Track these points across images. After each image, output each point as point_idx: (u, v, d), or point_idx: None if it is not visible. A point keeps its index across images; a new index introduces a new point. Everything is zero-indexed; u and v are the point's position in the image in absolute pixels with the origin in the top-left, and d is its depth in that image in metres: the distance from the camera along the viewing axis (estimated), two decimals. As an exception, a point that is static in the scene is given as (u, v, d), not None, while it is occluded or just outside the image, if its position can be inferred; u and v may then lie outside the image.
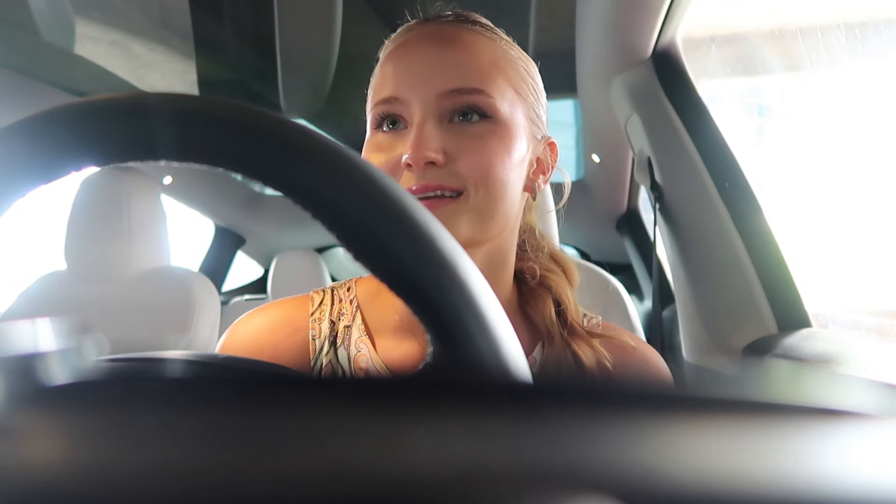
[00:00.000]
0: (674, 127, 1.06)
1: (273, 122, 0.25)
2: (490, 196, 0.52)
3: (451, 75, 0.53)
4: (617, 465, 0.14)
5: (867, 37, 0.94)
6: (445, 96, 0.52)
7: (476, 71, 0.53)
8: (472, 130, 0.53)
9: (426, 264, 0.24)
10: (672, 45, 1.09)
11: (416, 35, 0.57)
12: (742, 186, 1.01)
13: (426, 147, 0.51)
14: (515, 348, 0.26)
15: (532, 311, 0.60)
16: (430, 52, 0.54)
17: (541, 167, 0.60)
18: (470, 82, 0.53)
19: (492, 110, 0.53)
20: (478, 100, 0.53)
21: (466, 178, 0.52)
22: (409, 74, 0.54)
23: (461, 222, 0.52)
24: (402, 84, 0.54)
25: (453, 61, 0.53)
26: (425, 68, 0.53)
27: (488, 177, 0.52)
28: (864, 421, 0.18)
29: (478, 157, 0.52)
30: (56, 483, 0.13)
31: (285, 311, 0.61)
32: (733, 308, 1.00)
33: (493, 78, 0.54)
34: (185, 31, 1.64)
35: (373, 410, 0.17)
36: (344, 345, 0.58)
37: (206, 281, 1.50)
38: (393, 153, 0.53)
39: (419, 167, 0.51)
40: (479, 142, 0.52)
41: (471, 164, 0.52)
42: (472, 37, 0.55)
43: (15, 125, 0.25)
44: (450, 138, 0.52)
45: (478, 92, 0.53)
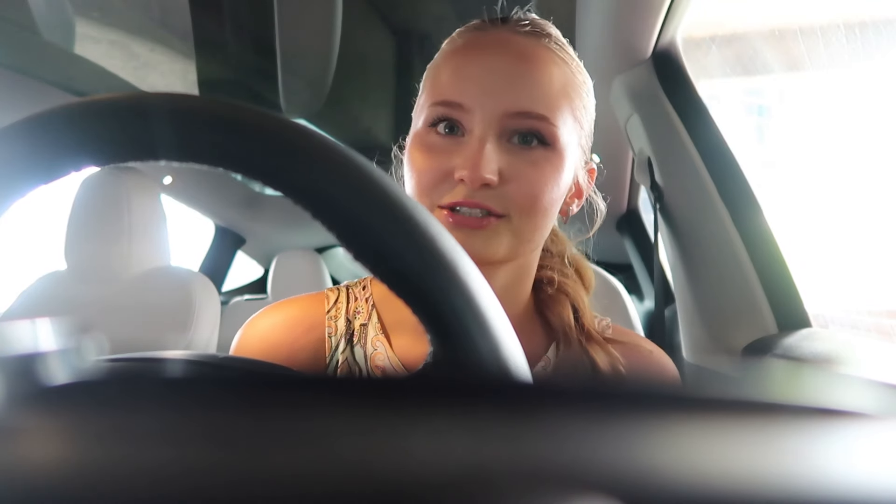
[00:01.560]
0: (674, 127, 1.06)
1: (273, 122, 0.25)
2: (532, 222, 0.52)
3: (521, 96, 0.51)
4: (617, 465, 0.14)
5: (867, 37, 0.94)
6: (511, 116, 0.51)
7: (546, 96, 0.52)
8: (530, 156, 0.52)
9: (426, 264, 0.24)
10: (672, 45, 1.09)
11: (489, 39, 0.54)
12: (742, 186, 1.01)
13: (485, 168, 0.50)
14: (515, 348, 0.26)
15: (550, 314, 0.60)
16: (503, 63, 0.52)
17: (578, 191, 0.60)
18: (539, 107, 0.51)
19: (552, 139, 0.52)
20: (542, 126, 0.52)
21: (513, 203, 0.51)
22: (477, 83, 0.52)
23: (500, 243, 0.52)
24: (468, 91, 0.52)
25: (526, 80, 0.52)
26: (496, 81, 0.52)
27: (535, 205, 0.52)
28: (864, 421, 0.18)
29: (530, 185, 0.51)
30: (56, 483, 0.13)
31: (301, 308, 0.61)
32: (733, 308, 1.00)
33: (559, 106, 0.53)
34: (185, 31, 1.64)
35: (372, 410, 0.17)
36: (360, 343, 0.58)
37: (206, 281, 1.50)
38: (447, 160, 0.52)
39: (474, 187, 0.50)
40: (534, 169, 0.52)
41: (521, 191, 0.51)
42: (547, 56, 0.54)
43: (15, 125, 0.25)
44: (506, 160, 0.51)
45: (543, 119, 0.52)
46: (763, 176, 1.11)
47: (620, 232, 2.13)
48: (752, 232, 0.98)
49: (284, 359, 0.57)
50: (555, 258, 0.65)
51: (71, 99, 0.26)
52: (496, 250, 0.52)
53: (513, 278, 0.57)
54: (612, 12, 1.04)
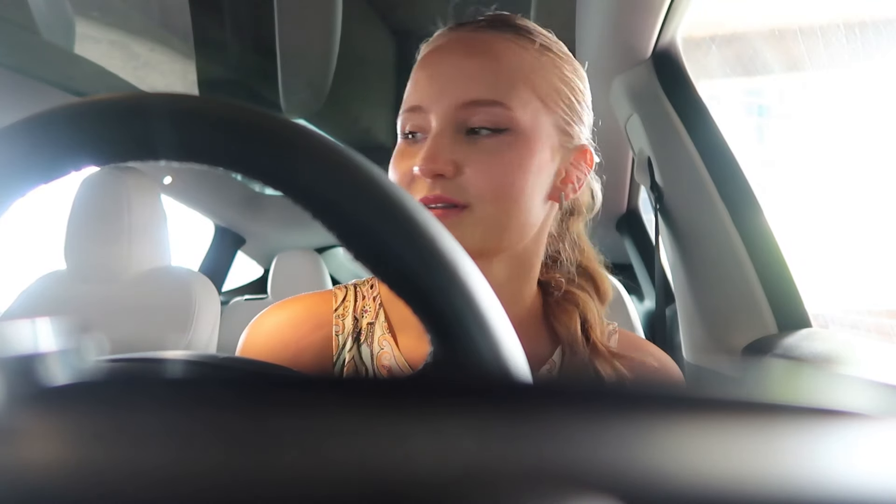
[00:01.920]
0: (674, 127, 1.06)
1: (273, 122, 0.25)
2: (500, 209, 0.52)
3: (469, 86, 0.52)
4: (617, 465, 0.14)
5: (867, 37, 0.94)
6: (463, 108, 0.52)
7: (496, 82, 0.52)
8: (486, 144, 0.52)
9: (426, 264, 0.24)
10: (672, 45, 1.09)
11: (445, 42, 0.56)
12: (742, 186, 1.01)
13: (435, 159, 0.51)
14: (515, 348, 0.26)
15: (557, 322, 0.59)
16: (452, 61, 0.54)
17: (570, 176, 0.59)
18: (488, 94, 0.52)
19: (510, 122, 0.52)
20: (495, 112, 0.52)
21: (472, 192, 0.51)
22: (431, 84, 0.54)
23: (465, 234, 0.51)
24: (424, 94, 0.54)
25: (474, 71, 0.53)
26: (446, 78, 0.53)
27: (496, 190, 0.52)
28: (864, 421, 0.18)
29: (486, 172, 0.52)
30: (56, 483, 0.13)
31: (309, 306, 0.61)
32: (733, 308, 1.00)
33: (514, 88, 0.53)
34: (185, 31, 1.64)
35: (372, 411, 0.17)
36: (367, 342, 0.59)
37: (206, 281, 1.50)
38: (410, 162, 0.53)
39: (428, 178, 0.51)
40: (490, 156, 0.52)
41: (478, 179, 0.51)
42: (499, 44, 0.54)
43: (15, 125, 0.25)
44: (463, 150, 0.52)
45: (495, 104, 0.52)
46: (763, 176, 1.11)
47: (620, 232, 2.13)
48: (752, 232, 0.98)
49: (291, 357, 0.57)
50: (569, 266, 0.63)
51: (71, 99, 0.26)
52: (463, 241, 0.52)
53: (509, 273, 0.57)
54: (612, 12, 1.04)
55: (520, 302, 0.59)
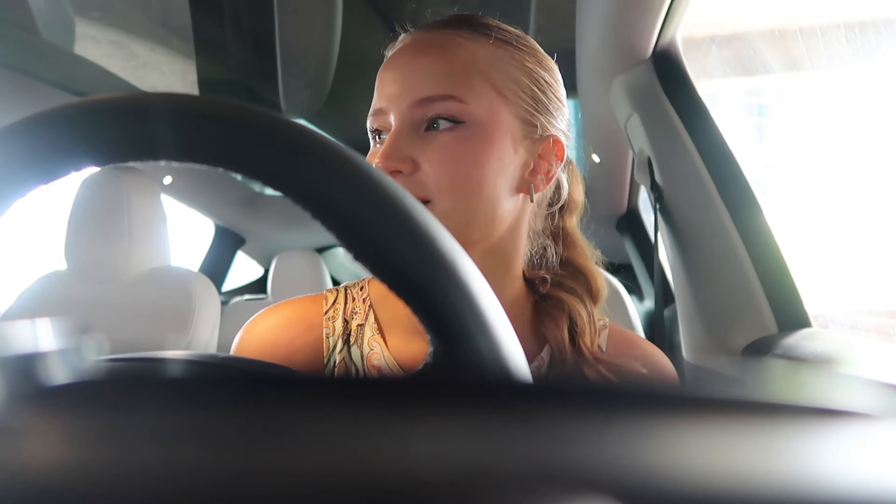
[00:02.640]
0: (674, 127, 1.06)
1: (273, 122, 0.25)
2: (461, 202, 0.52)
3: (422, 84, 0.53)
4: (617, 465, 0.14)
5: (867, 37, 0.94)
6: (417, 105, 0.53)
7: (447, 77, 0.53)
8: (441, 138, 0.53)
9: (426, 264, 0.24)
10: (672, 45, 1.09)
11: (402, 44, 0.58)
12: (742, 186, 1.01)
13: (391, 156, 0.52)
14: (515, 348, 0.26)
15: (544, 329, 0.59)
16: (405, 61, 0.55)
17: (538, 167, 0.58)
18: (439, 89, 0.53)
19: (464, 115, 0.53)
20: (448, 106, 0.52)
21: (431, 187, 0.52)
22: (388, 85, 0.55)
23: None
24: (384, 95, 0.55)
25: (425, 69, 0.54)
26: (401, 78, 0.54)
27: (455, 184, 0.52)
28: (864, 421, 0.18)
29: (443, 166, 0.52)
30: (56, 483, 0.13)
31: (300, 309, 0.62)
32: (733, 308, 1.00)
33: (467, 81, 0.53)
34: (185, 31, 1.64)
35: (372, 411, 0.17)
36: (357, 343, 0.59)
37: (206, 281, 1.50)
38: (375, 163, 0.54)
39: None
40: (446, 150, 0.52)
41: (435, 173, 0.52)
42: (451, 41, 0.55)
43: (15, 125, 0.25)
44: (419, 147, 0.53)
45: (448, 98, 0.52)
46: (763, 176, 1.11)
47: (620, 232, 2.13)
48: (752, 232, 0.98)
49: (282, 359, 0.58)
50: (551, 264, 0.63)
51: (71, 99, 0.26)
52: None
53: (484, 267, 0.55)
54: (612, 12, 1.04)
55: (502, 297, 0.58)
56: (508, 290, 0.59)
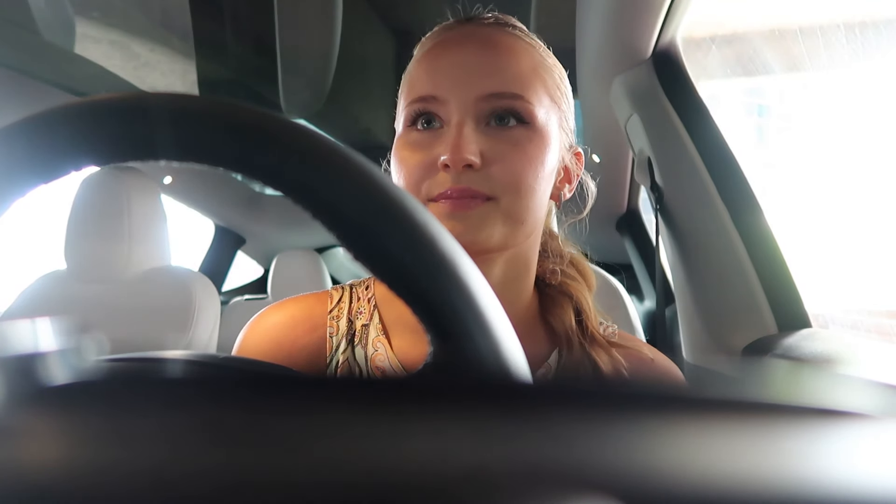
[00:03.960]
0: (674, 127, 1.06)
1: (273, 122, 0.25)
2: (521, 203, 0.52)
3: (492, 78, 0.52)
4: (617, 465, 0.14)
5: (867, 37, 0.94)
6: (485, 99, 0.52)
7: (517, 76, 0.53)
8: (510, 135, 0.52)
9: (426, 264, 0.24)
10: (672, 45, 1.09)
11: (456, 35, 0.56)
12: (742, 186, 1.01)
13: (465, 149, 0.50)
14: (515, 348, 0.26)
15: (552, 317, 0.60)
16: (471, 53, 0.54)
17: (567, 176, 0.60)
18: (511, 87, 0.52)
19: (530, 116, 0.53)
20: (517, 105, 0.52)
21: (499, 184, 0.51)
22: (448, 74, 0.53)
23: (494, 225, 0.52)
24: (440, 83, 0.53)
25: (495, 64, 0.53)
26: (466, 69, 0.53)
27: (521, 183, 0.52)
28: (864, 421, 0.18)
29: (513, 163, 0.52)
30: (56, 483, 0.13)
31: (304, 307, 0.61)
32: (733, 308, 1.00)
33: (532, 84, 0.53)
34: (185, 31, 1.64)
35: (371, 410, 0.17)
36: (361, 343, 0.59)
37: (206, 281, 1.50)
38: (429, 152, 0.53)
39: (457, 169, 0.50)
40: (516, 148, 0.52)
41: (506, 170, 0.51)
42: (513, 41, 0.55)
43: (15, 125, 0.25)
44: (487, 142, 0.52)
45: (518, 97, 0.52)
46: (763, 176, 1.11)
47: (620, 232, 2.13)
48: (752, 232, 0.98)
49: (285, 358, 0.57)
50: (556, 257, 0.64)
51: (71, 99, 0.26)
52: (490, 233, 0.52)
53: (511, 271, 0.57)
54: (612, 12, 1.04)
55: (519, 301, 0.59)
56: (525, 292, 0.60)
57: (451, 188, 0.51)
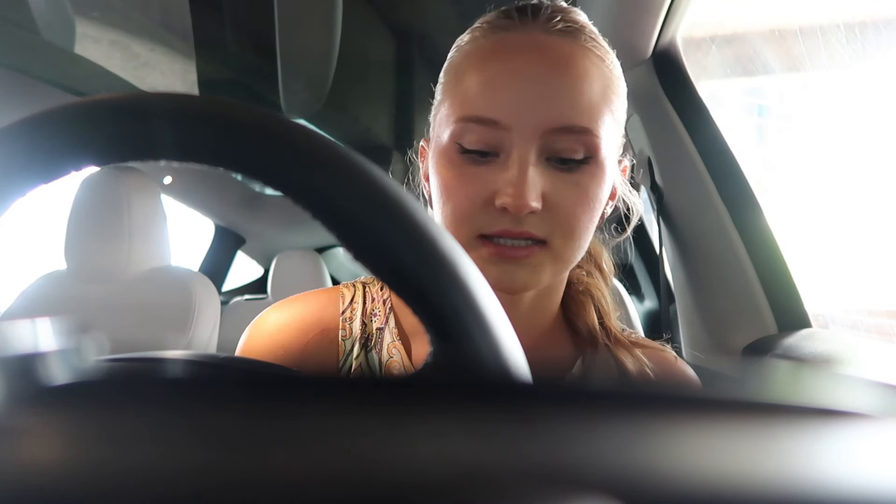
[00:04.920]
0: (674, 127, 1.06)
1: (273, 123, 0.25)
2: (574, 245, 0.49)
3: (562, 108, 0.46)
4: (617, 465, 0.14)
5: (867, 37, 0.94)
6: (552, 133, 0.46)
7: (588, 105, 0.47)
8: (573, 177, 0.47)
9: (426, 264, 0.24)
10: (672, 45, 1.09)
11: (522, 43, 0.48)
12: (742, 186, 1.01)
13: (531, 195, 0.45)
14: (515, 348, 0.26)
15: (576, 318, 0.57)
16: (541, 74, 0.47)
17: (612, 194, 0.55)
18: (581, 119, 0.46)
19: (595, 151, 0.47)
20: (585, 141, 0.47)
21: (556, 228, 0.47)
22: (514, 96, 0.46)
23: (544, 272, 0.48)
24: (504, 107, 0.46)
25: (567, 90, 0.46)
26: (535, 94, 0.46)
27: (577, 227, 0.48)
28: (864, 421, 0.18)
29: (574, 207, 0.47)
30: (56, 483, 0.13)
31: (314, 309, 0.56)
32: (733, 308, 1.00)
33: (602, 113, 0.48)
34: (185, 31, 1.64)
35: (372, 410, 0.17)
36: (375, 348, 0.55)
37: (206, 281, 1.51)
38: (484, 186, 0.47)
39: (519, 215, 0.46)
40: (578, 190, 0.47)
41: (565, 215, 0.47)
42: (587, 60, 0.48)
43: (15, 125, 0.25)
44: (549, 182, 0.47)
45: (586, 132, 0.47)
46: (763, 176, 1.11)
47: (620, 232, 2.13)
48: (752, 232, 0.98)
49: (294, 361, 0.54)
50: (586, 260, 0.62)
51: (71, 99, 0.26)
52: (539, 280, 0.49)
53: (548, 288, 0.54)
54: (612, 12, 1.04)
55: (549, 313, 0.56)
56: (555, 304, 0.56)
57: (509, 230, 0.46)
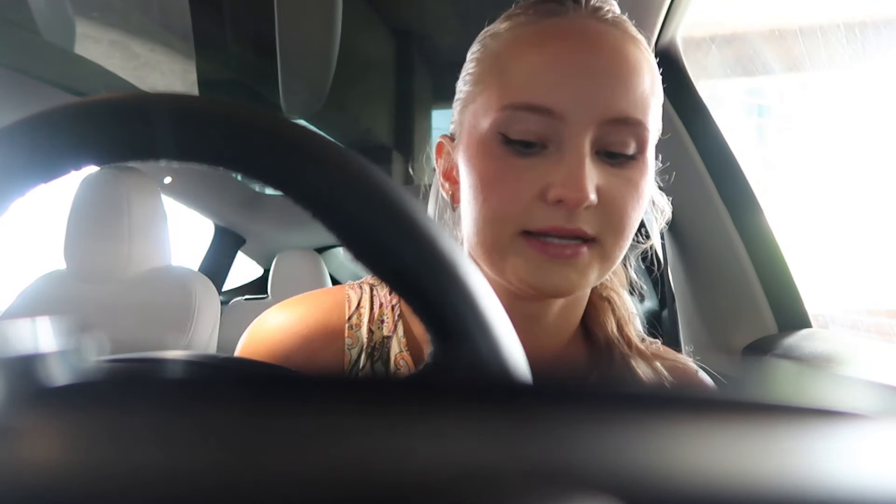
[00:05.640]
0: (674, 127, 1.06)
1: (273, 123, 0.25)
2: (621, 244, 0.46)
3: (618, 98, 0.44)
4: (617, 465, 0.14)
5: (867, 37, 0.94)
6: (607, 124, 0.44)
7: (641, 97, 0.45)
8: (625, 171, 0.45)
9: (426, 264, 0.24)
10: (672, 45, 1.09)
11: (573, 29, 0.46)
12: (742, 186, 1.01)
13: (589, 188, 0.42)
14: (515, 348, 0.26)
15: (595, 326, 0.55)
16: (598, 62, 0.44)
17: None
18: (636, 111, 0.44)
19: (644, 146, 0.46)
20: (637, 134, 0.45)
21: (607, 225, 0.45)
22: (570, 85, 0.43)
23: (592, 272, 0.46)
24: (559, 95, 0.43)
25: (623, 80, 0.44)
26: (592, 82, 0.43)
27: (626, 225, 0.46)
28: (864, 421, 0.18)
29: (625, 204, 0.45)
30: (56, 483, 0.13)
31: (320, 316, 0.53)
32: (733, 308, 1.00)
33: (651, 106, 0.46)
34: (185, 31, 1.64)
35: (372, 411, 0.17)
36: (381, 359, 0.52)
37: (206, 281, 1.51)
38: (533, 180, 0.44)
39: (576, 209, 0.43)
40: (629, 186, 0.45)
41: (617, 212, 0.45)
42: (638, 51, 0.47)
43: (15, 125, 0.25)
44: (602, 175, 0.44)
45: (639, 124, 0.45)
46: (763, 176, 1.11)
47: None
48: (752, 232, 0.98)
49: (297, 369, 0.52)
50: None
51: (71, 99, 0.26)
52: (588, 280, 0.46)
53: (576, 299, 0.52)
54: (612, 12, 1.04)
55: (575, 319, 0.54)
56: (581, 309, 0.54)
57: (562, 227, 0.43)
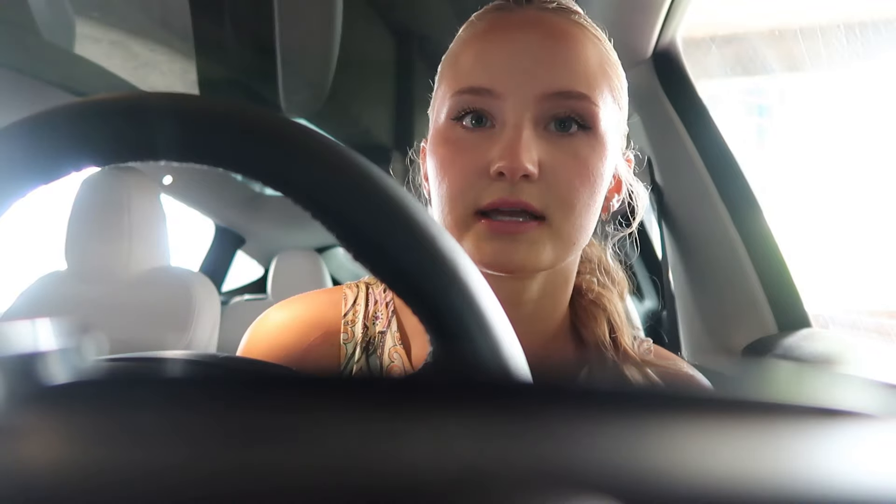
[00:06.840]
0: (674, 127, 1.06)
1: (273, 122, 0.25)
2: (574, 222, 0.47)
3: (557, 74, 0.46)
4: (617, 465, 0.14)
5: (867, 37, 0.94)
6: (548, 98, 0.46)
7: (584, 73, 0.46)
8: (570, 144, 0.46)
9: (426, 264, 0.24)
10: (672, 45, 1.09)
11: (515, 19, 0.49)
12: (742, 186, 1.01)
13: (525, 157, 0.44)
14: (515, 348, 0.26)
15: (584, 329, 0.55)
16: (534, 42, 0.46)
17: (617, 185, 0.54)
18: (577, 85, 0.46)
19: (593, 121, 0.47)
20: (583, 107, 0.46)
21: (553, 200, 0.46)
22: (507, 65, 0.46)
23: (545, 250, 0.46)
24: (497, 74, 0.46)
25: (561, 58, 0.46)
26: (528, 61, 0.46)
27: (576, 201, 0.46)
28: (864, 421, 0.18)
29: (571, 177, 0.46)
30: (56, 483, 0.13)
31: (317, 312, 0.55)
32: (733, 308, 1.00)
33: (598, 83, 0.47)
34: (185, 31, 1.64)
35: (371, 410, 0.17)
36: (377, 353, 0.54)
37: (206, 281, 1.51)
38: (479, 156, 0.46)
39: (514, 179, 0.44)
40: (576, 159, 0.46)
41: (562, 184, 0.45)
42: (580, 32, 0.48)
43: (15, 125, 0.25)
44: (546, 149, 0.46)
45: (584, 98, 0.46)
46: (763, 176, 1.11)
47: (620, 232, 2.12)
48: (752, 232, 0.98)
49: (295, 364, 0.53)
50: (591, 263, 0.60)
51: (71, 99, 0.26)
52: (539, 258, 0.47)
53: (550, 285, 0.52)
54: (612, 12, 1.04)
55: (555, 314, 0.55)
56: (563, 304, 0.55)
57: (505, 199, 0.45)
